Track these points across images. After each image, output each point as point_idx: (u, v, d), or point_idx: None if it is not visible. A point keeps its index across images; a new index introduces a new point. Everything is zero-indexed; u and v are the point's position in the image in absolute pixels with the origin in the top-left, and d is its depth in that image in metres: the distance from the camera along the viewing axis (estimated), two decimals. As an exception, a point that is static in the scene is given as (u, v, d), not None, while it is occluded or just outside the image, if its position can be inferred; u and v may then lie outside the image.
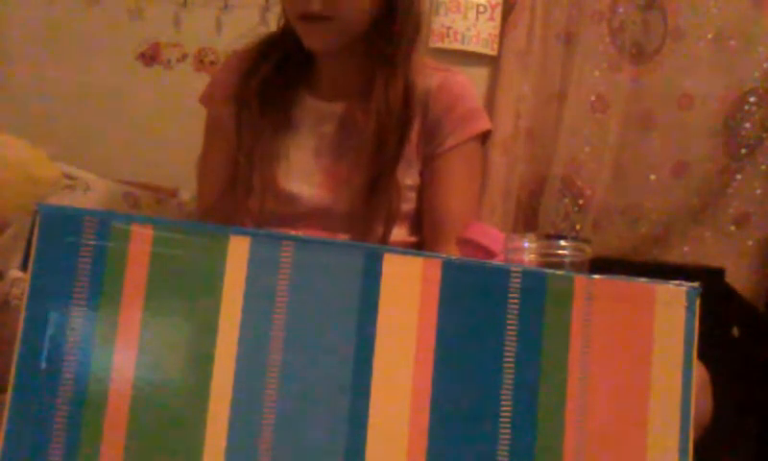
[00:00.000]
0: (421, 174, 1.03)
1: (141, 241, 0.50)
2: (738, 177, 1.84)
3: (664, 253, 1.88)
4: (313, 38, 0.98)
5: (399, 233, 1.01)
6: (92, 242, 0.49)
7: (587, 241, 0.61)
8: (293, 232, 1.00)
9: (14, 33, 1.87)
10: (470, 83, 1.09)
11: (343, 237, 1.00)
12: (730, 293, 1.66)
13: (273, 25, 1.14)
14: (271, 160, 1.01)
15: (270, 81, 1.02)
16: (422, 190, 1.04)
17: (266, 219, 1.01)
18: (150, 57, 1.89)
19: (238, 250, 0.50)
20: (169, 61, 1.89)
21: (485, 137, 1.07)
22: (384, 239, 0.97)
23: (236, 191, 1.01)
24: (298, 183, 1.02)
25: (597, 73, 1.86)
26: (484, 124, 1.05)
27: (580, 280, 0.53)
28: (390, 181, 0.98)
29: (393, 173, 0.98)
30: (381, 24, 0.99)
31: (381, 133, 0.97)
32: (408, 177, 1.02)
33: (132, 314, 0.49)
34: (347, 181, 1.00)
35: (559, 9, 1.88)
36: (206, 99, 1.11)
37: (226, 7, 1.87)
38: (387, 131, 0.97)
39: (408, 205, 1.02)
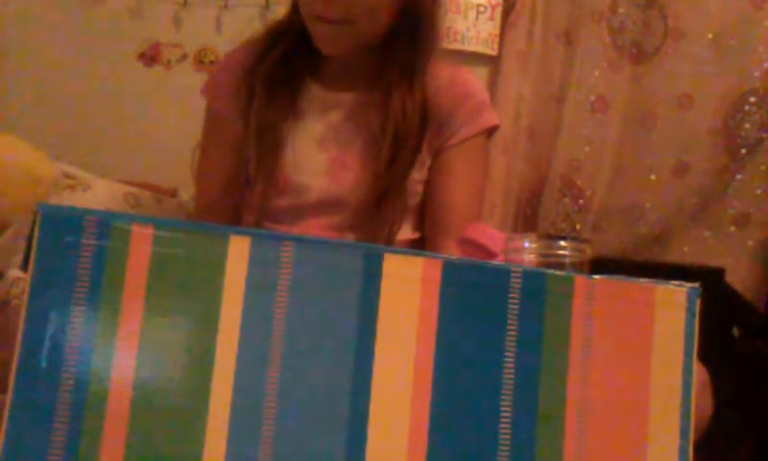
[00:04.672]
0: (429, 168, 1.04)
1: (141, 241, 0.50)
2: (738, 177, 1.85)
3: (664, 253, 1.88)
4: (326, 41, 0.97)
5: (404, 231, 1.01)
6: (92, 242, 0.49)
7: (587, 241, 0.61)
8: (298, 226, 1.00)
9: (15, 33, 1.87)
10: (476, 79, 1.10)
11: (349, 233, 1.00)
12: (730, 293, 1.66)
13: (272, 25, 1.14)
14: (277, 151, 1.01)
15: (276, 69, 1.01)
16: (428, 183, 1.04)
17: (272, 212, 1.01)
18: (150, 57, 1.89)
19: (238, 249, 0.50)
20: (169, 61, 1.89)
21: (491, 132, 1.08)
22: (390, 238, 0.97)
23: (239, 185, 1.01)
24: (304, 174, 1.01)
25: (597, 73, 1.86)
26: (493, 119, 1.06)
27: (580, 280, 0.52)
28: (400, 193, 0.98)
29: (403, 184, 0.98)
30: (400, 34, 0.98)
31: (396, 147, 0.97)
32: (417, 171, 1.02)
33: (132, 314, 0.49)
34: (353, 171, 1.00)
35: (559, 9, 1.88)
36: (208, 91, 1.09)
37: (226, 6, 1.88)
38: (403, 146, 0.97)
39: (415, 199, 1.02)
